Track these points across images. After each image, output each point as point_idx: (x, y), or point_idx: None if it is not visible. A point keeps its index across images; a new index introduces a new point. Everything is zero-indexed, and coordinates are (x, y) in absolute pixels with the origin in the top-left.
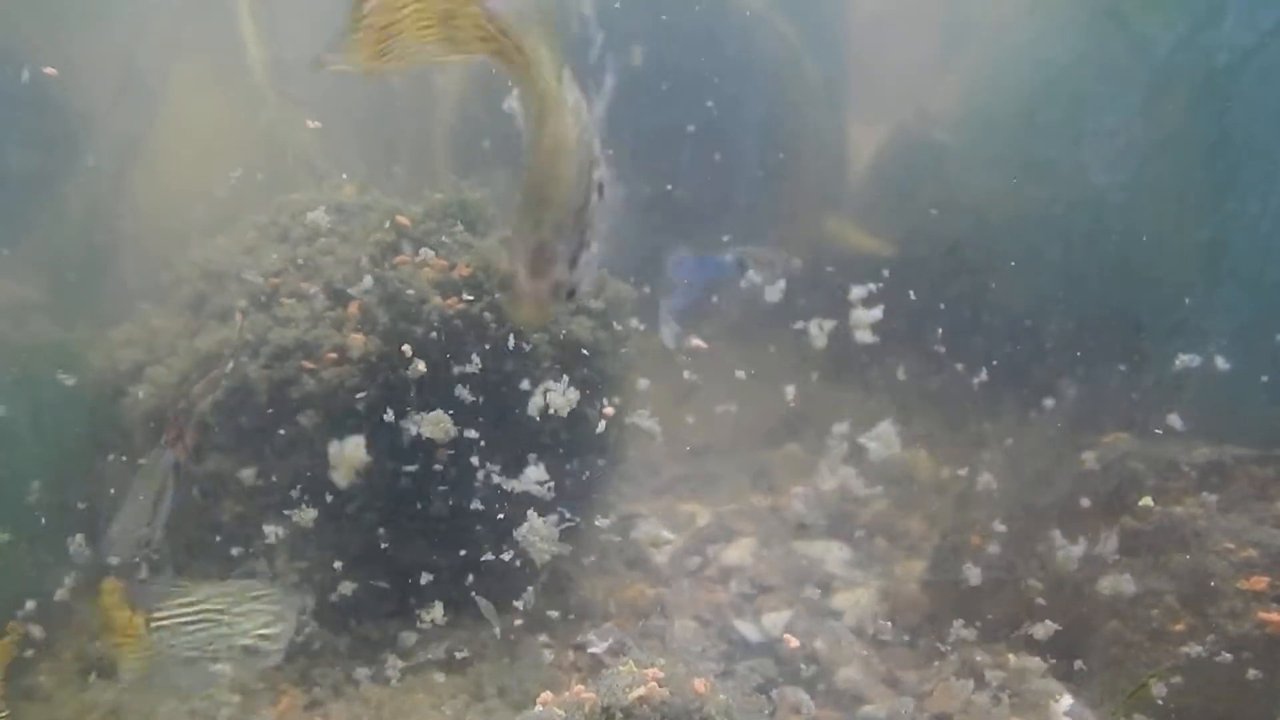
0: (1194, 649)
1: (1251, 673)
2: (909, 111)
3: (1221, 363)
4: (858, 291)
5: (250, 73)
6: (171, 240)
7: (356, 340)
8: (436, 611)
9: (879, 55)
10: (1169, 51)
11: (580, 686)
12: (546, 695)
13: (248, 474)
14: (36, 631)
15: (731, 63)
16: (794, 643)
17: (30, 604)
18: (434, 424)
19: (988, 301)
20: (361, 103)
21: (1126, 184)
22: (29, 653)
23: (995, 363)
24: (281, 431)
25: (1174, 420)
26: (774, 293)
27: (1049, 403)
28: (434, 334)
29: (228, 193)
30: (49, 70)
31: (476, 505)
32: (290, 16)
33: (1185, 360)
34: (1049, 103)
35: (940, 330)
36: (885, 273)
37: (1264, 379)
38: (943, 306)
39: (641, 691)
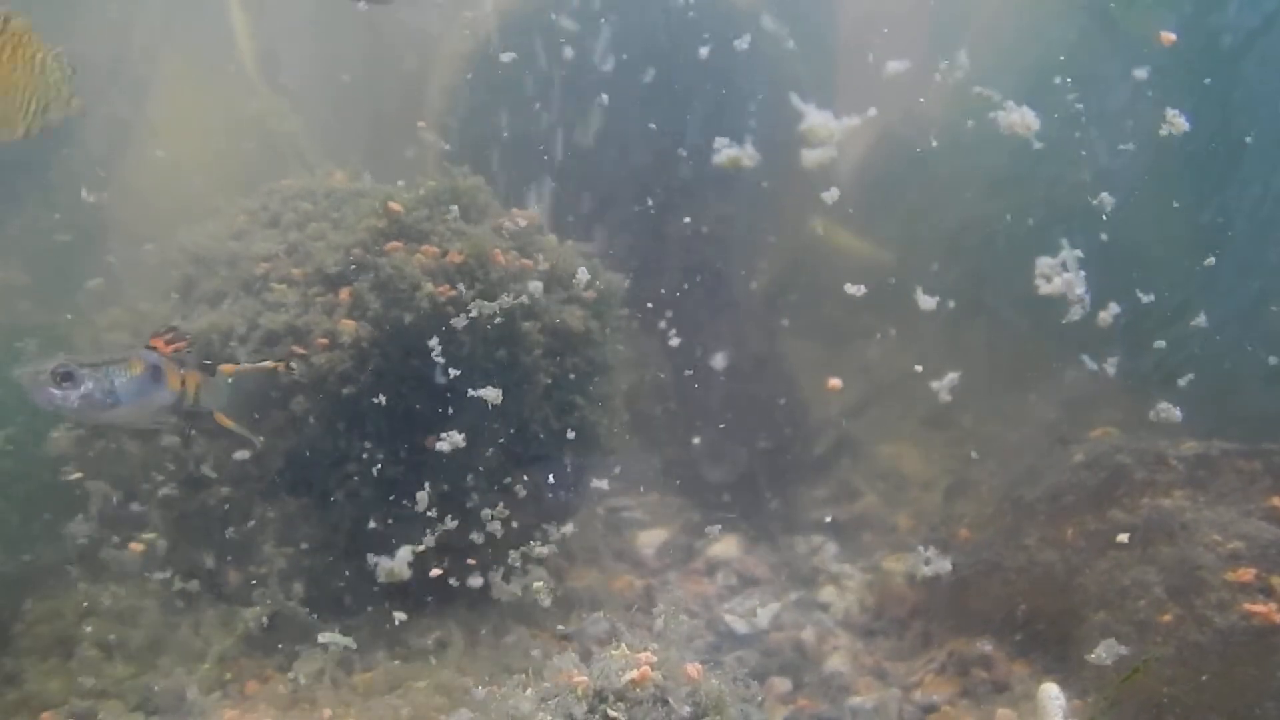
0: (1181, 640)
1: (1238, 663)
2: (897, 113)
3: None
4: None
5: (240, 61)
6: (160, 225)
7: (348, 326)
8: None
9: (867, 55)
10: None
11: (573, 670)
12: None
13: (237, 458)
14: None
15: (718, 61)
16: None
17: None
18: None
19: (978, 297)
20: (349, 91)
21: (1124, 175)
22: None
23: (987, 357)
24: (271, 416)
25: (1165, 412)
26: None
27: (1039, 395)
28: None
29: (217, 178)
30: None
31: (466, 495)
32: (279, 6)
33: (1180, 350)
34: (1042, 99)
35: (930, 325)
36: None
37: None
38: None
39: (634, 675)
